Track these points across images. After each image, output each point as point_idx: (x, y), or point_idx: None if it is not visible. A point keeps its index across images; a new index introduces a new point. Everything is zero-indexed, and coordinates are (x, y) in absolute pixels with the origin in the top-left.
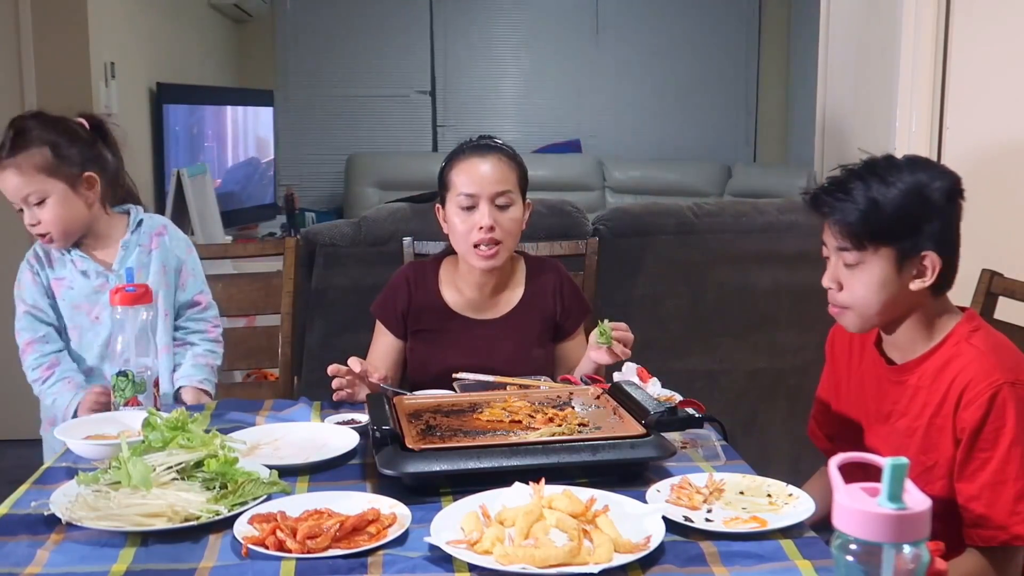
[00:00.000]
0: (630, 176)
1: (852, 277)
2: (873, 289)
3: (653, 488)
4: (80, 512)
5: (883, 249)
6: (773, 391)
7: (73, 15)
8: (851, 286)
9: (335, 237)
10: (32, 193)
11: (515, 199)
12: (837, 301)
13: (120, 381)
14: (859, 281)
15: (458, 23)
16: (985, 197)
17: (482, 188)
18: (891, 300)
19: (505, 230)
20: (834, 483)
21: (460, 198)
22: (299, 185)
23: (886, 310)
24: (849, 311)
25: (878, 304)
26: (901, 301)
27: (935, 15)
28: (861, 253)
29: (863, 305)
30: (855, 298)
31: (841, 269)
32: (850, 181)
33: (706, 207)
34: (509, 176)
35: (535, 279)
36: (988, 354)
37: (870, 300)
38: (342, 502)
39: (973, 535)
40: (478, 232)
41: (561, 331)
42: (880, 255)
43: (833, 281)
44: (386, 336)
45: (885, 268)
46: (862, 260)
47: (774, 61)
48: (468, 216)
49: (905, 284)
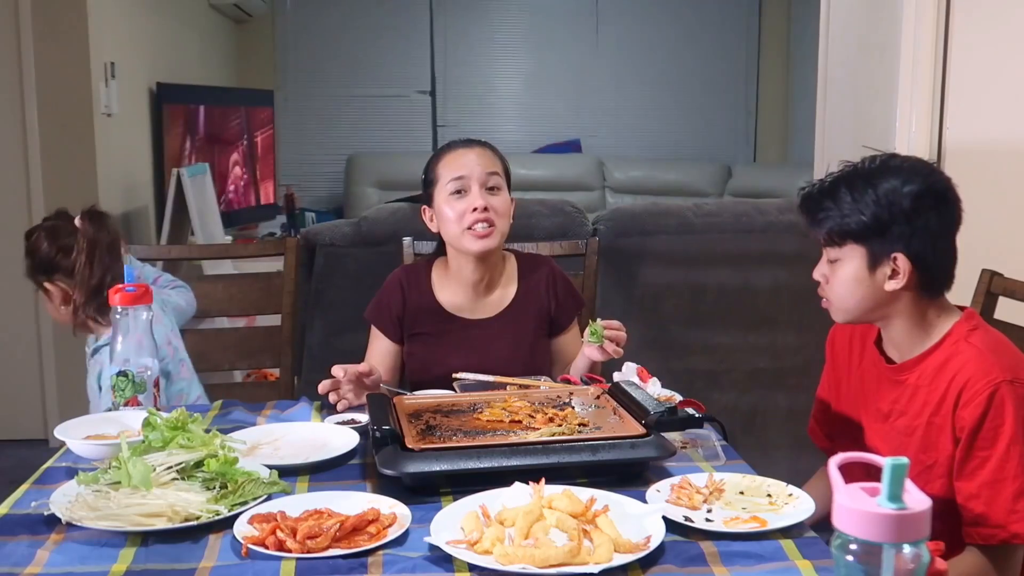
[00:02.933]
0: (630, 176)
1: (832, 272)
2: (848, 285)
3: (653, 488)
4: (80, 512)
5: (856, 247)
6: (773, 391)
7: (73, 15)
8: (832, 281)
9: (335, 237)
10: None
11: (503, 184)
12: (823, 293)
13: (120, 381)
14: (837, 276)
15: (458, 23)
16: (985, 197)
17: (472, 171)
18: (867, 297)
19: (497, 212)
20: (834, 483)
21: (450, 184)
22: (299, 185)
23: (863, 306)
24: (831, 304)
25: (854, 300)
26: (880, 299)
27: (935, 15)
28: (839, 250)
29: (839, 299)
30: (833, 292)
31: (826, 264)
32: (833, 185)
33: (706, 207)
34: (496, 163)
35: (527, 276)
36: (987, 353)
37: (845, 295)
38: (342, 502)
39: (972, 533)
40: (471, 214)
41: (555, 326)
42: (854, 253)
43: (821, 275)
44: (382, 340)
45: (858, 266)
46: (840, 256)
47: (774, 61)
48: (459, 201)
49: (880, 283)
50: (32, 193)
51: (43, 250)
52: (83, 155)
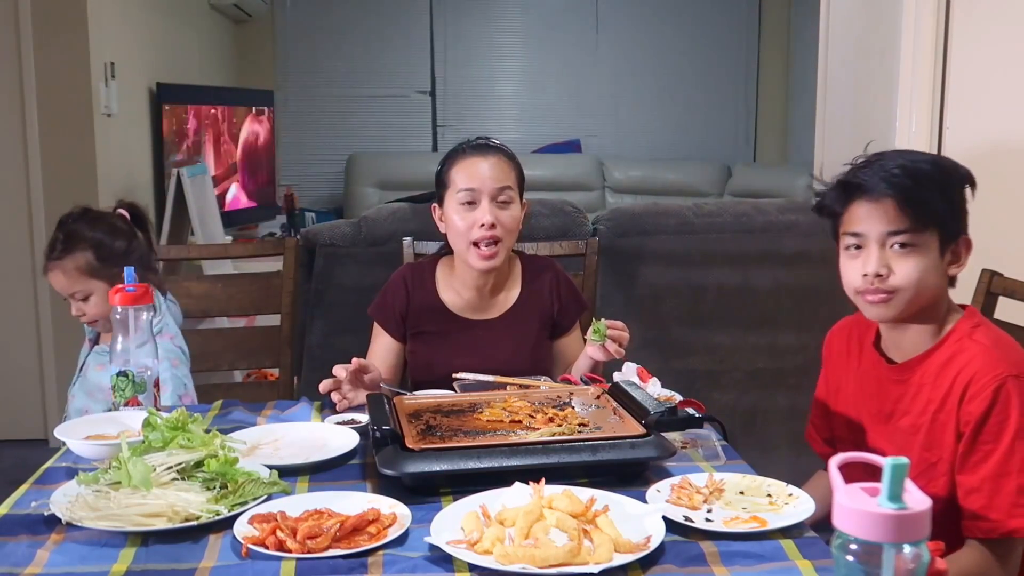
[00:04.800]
0: (630, 176)
1: (904, 260)
2: (928, 273)
3: (653, 488)
4: (80, 512)
5: (934, 234)
6: (773, 391)
7: (73, 15)
8: (904, 269)
9: (335, 237)
10: (78, 292)
11: (514, 197)
12: (887, 286)
13: (120, 381)
14: (913, 264)
15: (458, 23)
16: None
17: (483, 184)
18: (938, 285)
19: (505, 228)
20: (834, 483)
21: (460, 194)
22: (299, 185)
23: (935, 295)
24: (898, 295)
25: (930, 287)
26: (943, 287)
27: (935, 15)
28: (916, 235)
29: (916, 288)
30: (910, 281)
31: (890, 253)
32: (885, 159)
33: (706, 207)
34: (509, 174)
35: (531, 278)
36: (992, 349)
37: (920, 284)
38: (342, 502)
39: (973, 527)
40: (479, 229)
41: (558, 328)
42: (932, 239)
43: (883, 266)
44: (384, 338)
45: (935, 253)
46: (916, 242)
47: (774, 61)
48: (468, 212)
49: (944, 270)
50: (32, 193)
51: (124, 231)
52: (83, 155)
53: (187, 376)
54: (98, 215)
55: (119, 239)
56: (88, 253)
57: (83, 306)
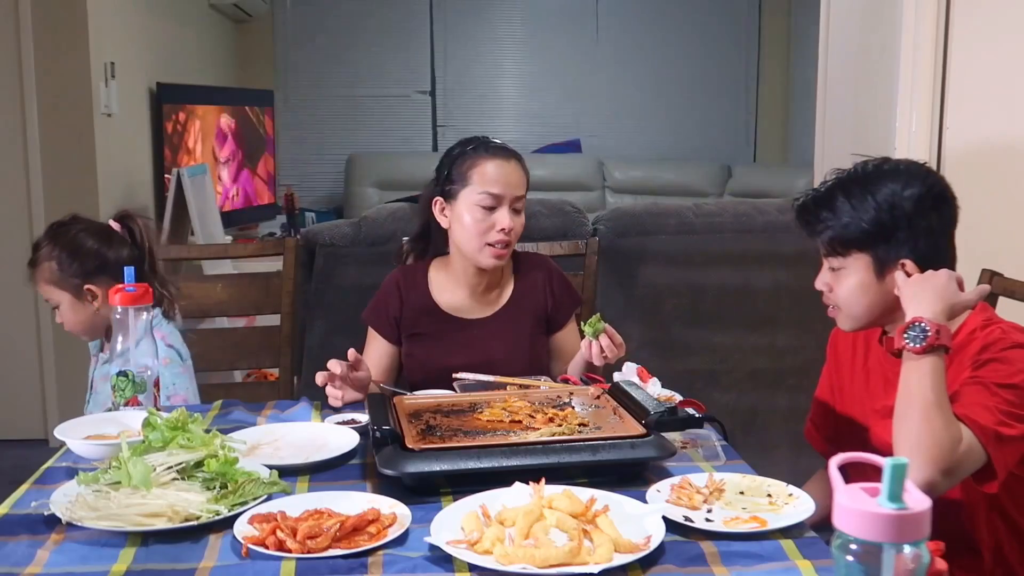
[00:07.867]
0: (630, 176)
1: (837, 281)
2: (855, 292)
3: (653, 488)
4: (80, 512)
5: (860, 255)
6: (773, 391)
7: (73, 15)
8: (837, 290)
9: (335, 237)
10: (47, 300)
11: (524, 205)
12: (829, 301)
13: (120, 381)
14: (842, 285)
15: (458, 23)
16: (985, 197)
17: (507, 190)
18: (876, 304)
19: (516, 233)
20: (834, 483)
21: (483, 196)
22: (299, 185)
23: (873, 312)
24: (842, 310)
25: (862, 306)
26: (889, 304)
27: (935, 15)
28: (842, 259)
29: (847, 306)
30: (840, 300)
31: (828, 273)
32: (830, 194)
33: (706, 207)
34: (525, 182)
35: (523, 275)
36: (1012, 330)
37: (852, 302)
38: (342, 502)
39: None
40: (497, 233)
41: (553, 323)
42: (859, 261)
43: (824, 284)
44: (379, 342)
45: (863, 273)
46: (843, 265)
47: (774, 61)
48: (487, 216)
49: (888, 289)
50: (32, 193)
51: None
52: (83, 155)
53: (178, 376)
54: (63, 230)
55: (78, 254)
56: (52, 264)
57: (57, 313)
